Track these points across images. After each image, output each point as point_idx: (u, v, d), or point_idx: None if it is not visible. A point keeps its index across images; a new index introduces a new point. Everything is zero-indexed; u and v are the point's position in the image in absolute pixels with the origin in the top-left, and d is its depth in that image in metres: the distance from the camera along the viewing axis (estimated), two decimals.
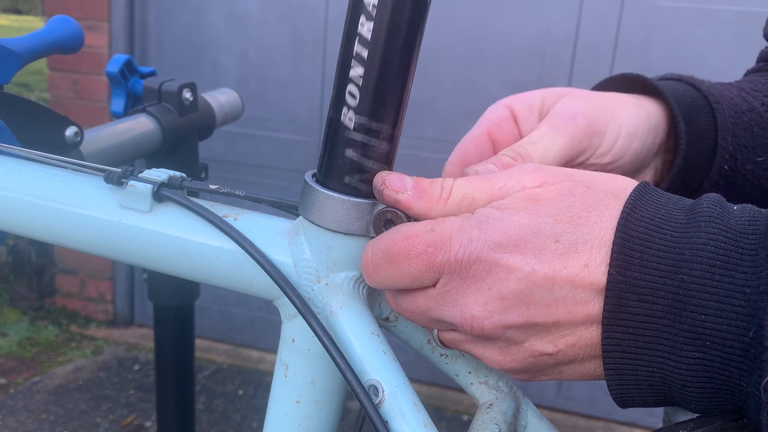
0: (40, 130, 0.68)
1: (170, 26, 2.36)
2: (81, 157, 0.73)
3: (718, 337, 0.30)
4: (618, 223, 0.33)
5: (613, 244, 0.33)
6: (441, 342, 0.39)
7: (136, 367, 2.41)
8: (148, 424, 2.11)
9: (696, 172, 0.53)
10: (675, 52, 1.96)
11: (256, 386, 2.33)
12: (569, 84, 2.06)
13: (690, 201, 0.34)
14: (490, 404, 0.43)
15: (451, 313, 0.35)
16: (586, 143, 0.47)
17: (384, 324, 0.43)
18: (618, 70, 2.02)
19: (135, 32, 2.38)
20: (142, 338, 2.58)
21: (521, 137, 0.49)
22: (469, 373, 0.45)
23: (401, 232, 0.36)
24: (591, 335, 0.34)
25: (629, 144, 0.48)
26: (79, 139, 0.71)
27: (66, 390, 2.24)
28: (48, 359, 2.41)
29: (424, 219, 0.37)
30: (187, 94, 0.92)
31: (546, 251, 0.34)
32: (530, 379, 0.38)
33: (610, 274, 0.33)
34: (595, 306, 0.33)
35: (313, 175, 0.39)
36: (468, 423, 2.21)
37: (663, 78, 0.56)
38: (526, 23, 2.06)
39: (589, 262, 0.33)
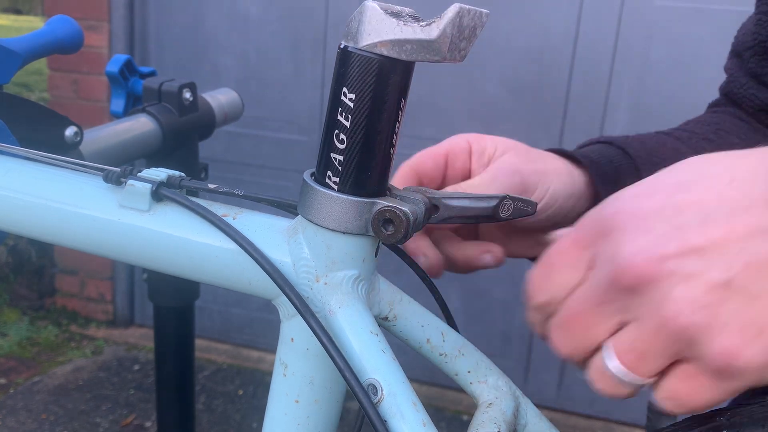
0: (40, 130, 0.68)
1: (170, 26, 2.36)
2: (81, 157, 0.73)
3: None
4: None
5: None
6: (624, 365, 0.33)
7: (136, 367, 2.41)
8: (148, 424, 2.11)
9: None
10: (675, 52, 1.96)
11: (256, 386, 2.33)
12: (569, 84, 2.07)
13: None
14: (490, 403, 0.43)
15: (607, 273, 0.32)
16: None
17: (383, 323, 0.43)
18: (618, 70, 2.02)
19: (135, 32, 2.38)
20: (142, 338, 2.58)
21: (469, 172, 0.53)
22: (469, 372, 0.45)
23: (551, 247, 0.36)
24: (765, 249, 0.29)
25: (550, 205, 0.52)
26: (78, 139, 0.71)
27: (66, 390, 2.24)
28: (48, 359, 2.41)
29: None
30: (187, 94, 0.92)
31: (684, 182, 0.32)
32: (737, 351, 0.30)
33: None
34: (753, 214, 0.30)
35: (312, 174, 0.39)
36: (467, 423, 2.20)
37: (596, 142, 0.60)
38: (525, 23, 2.06)
39: (734, 178, 0.31)
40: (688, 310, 0.30)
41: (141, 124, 0.87)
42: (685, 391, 0.32)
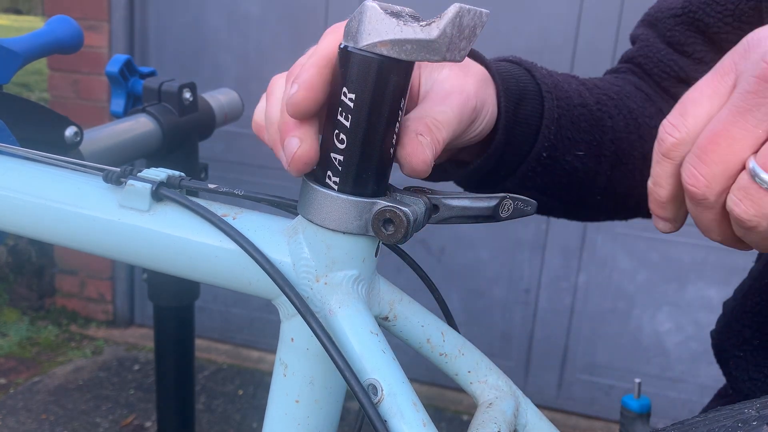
0: (40, 130, 0.68)
1: (170, 26, 2.36)
2: (81, 157, 0.73)
3: None
4: None
5: None
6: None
7: (136, 367, 2.41)
8: (148, 424, 2.11)
9: (514, 155, 0.53)
10: None
11: (256, 386, 2.33)
12: None
13: None
14: (490, 403, 0.43)
15: (752, 68, 0.32)
16: (469, 122, 0.46)
17: (383, 323, 0.43)
18: None
19: (135, 32, 2.38)
20: (142, 338, 2.58)
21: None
22: (469, 372, 0.45)
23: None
24: None
25: (487, 120, 0.48)
26: (78, 139, 0.71)
27: (66, 390, 2.24)
28: (48, 359, 2.41)
29: None
30: (187, 94, 0.92)
31: None
32: None
33: None
34: None
35: (312, 174, 0.39)
36: (468, 423, 2.21)
37: (505, 59, 0.57)
38: (525, 23, 2.06)
39: None
40: None
41: (141, 124, 0.87)
42: None
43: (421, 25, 0.34)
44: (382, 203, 0.37)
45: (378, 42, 0.34)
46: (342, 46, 0.36)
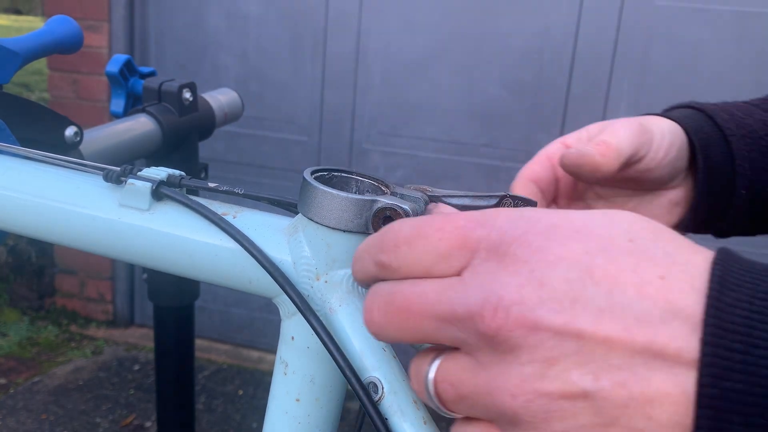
0: (40, 130, 0.68)
1: (170, 26, 2.36)
2: (80, 157, 0.73)
3: None
4: (706, 308, 0.24)
5: (703, 342, 0.23)
6: (436, 393, 0.29)
7: (136, 367, 2.41)
8: (148, 424, 2.11)
9: (717, 200, 0.55)
10: (675, 52, 1.96)
11: (256, 386, 2.33)
12: (569, 84, 2.06)
13: None
14: None
15: (471, 299, 0.26)
16: (643, 137, 0.50)
17: None
18: (618, 70, 2.02)
19: (135, 32, 2.39)
20: (142, 338, 2.58)
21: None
22: None
23: (439, 209, 0.32)
24: (651, 376, 0.24)
25: (670, 146, 0.52)
26: (78, 139, 0.71)
27: (66, 390, 2.24)
28: (48, 359, 2.41)
29: None
30: (187, 94, 0.92)
31: (613, 246, 0.25)
32: None
33: (701, 385, 0.23)
34: (665, 332, 0.24)
35: (313, 172, 0.39)
36: None
37: (679, 106, 0.58)
38: (525, 23, 2.06)
39: (668, 275, 0.24)
40: (526, 395, 0.25)
41: (141, 124, 0.87)
42: None
43: None
44: (382, 201, 0.37)
45: None
46: None
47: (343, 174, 0.41)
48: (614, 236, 0.26)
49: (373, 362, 0.35)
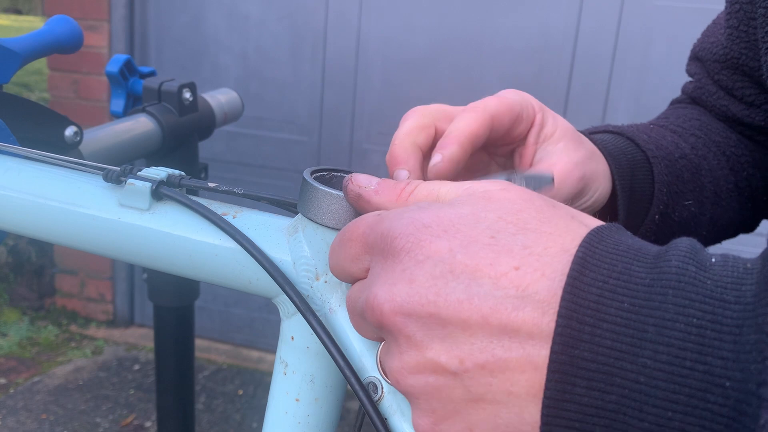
0: (40, 130, 0.68)
1: (170, 26, 2.36)
2: (80, 156, 0.73)
3: None
4: (565, 286, 0.27)
5: (558, 315, 0.26)
6: (380, 368, 0.35)
7: (136, 367, 2.41)
8: (148, 424, 2.11)
9: (632, 224, 0.55)
10: (675, 52, 1.96)
11: (256, 386, 2.33)
12: (569, 83, 2.06)
13: (655, 250, 0.28)
14: None
15: (363, 298, 0.31)
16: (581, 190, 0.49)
17: None
18: (618, 70, 2.02)
19: (135, 32, 2.39)
20: (142, 338, 2.58)
21: (523, 139, 0.49)
22: None
23: (358, 218, 0.34)
24: (506, 357, 0.27)
25: (592, 207, 0.51)
26: (78, 138, 0.71)
27: (66, 390, 2.24)
28: (48, 359, 2.41)
29: None
30: (187, 94, 0.92)
31: (476, 243, 0.29)
32: (434, 430, 0.30)
33: (552, 352, 0.26)
34: (517, 316, 0.27)
35: (312, 173, 0.39)
36: None
37: (604, 131, 0.58)
38: (525, 22, 2.06)
39: (522, 265, 0.28)
40: (407, 379, 0.29)
41: (141, 124, 0.87)
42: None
43: None
44: None
45: None
46: None
47: (342, 174, 0.41)
48: (477, 233, 0.29)
49: (372, 362, 0.35)
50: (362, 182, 0.36)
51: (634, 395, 0.25)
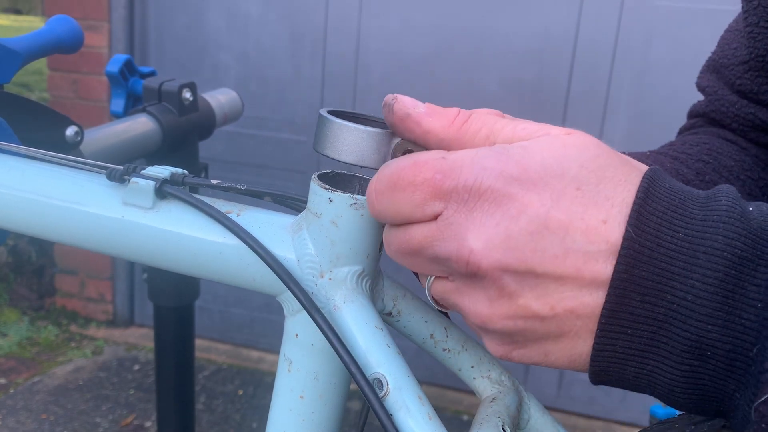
0: (41, 130, 0.68)
1: (170, 26, 2.36)
2: (81, 156, 0.73)
3: (722, 350, 0.29)
4: (630, 215, 0.30)
5: (624, 238, 0.30)
6: (432, 297, 0.36)
7: (136, 367, 2.41)
8: (148, 424, 2.11)
9: None
10: (675, 52, 1.96)
11: (256, 386, 2.33)
12: (569, 84, 2.07)
13: (703, 194, 0.31)
14: (493, 398, 0.43)
15: (449, 247, 0.32)
16: None
17: (387, 319, 0.43)
18: (618, 70, 2.03)
19: (135, 32, 2.39)
20: (142, 338, 2.58)
21: None
22: (472, 367, 0.45)
23: (410, 158, 0.33)
24: (594, 302, 0.31)
25: None
26: (79, 138, 0.71)
27: (66, 390, 2.24)
28: (48, 359, 2.41)
29: (436, 144, 0.35)
30: (187, 94, 0.92)
31: (565, 196, 0.31)
32: (510, 355, 0.34)
33: (616, 270, 0.30)
34: (606, 268, 0.30)
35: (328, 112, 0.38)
36: (468, 423, 2.21)
37: None
38: (525, 23, 2.06)
39: (609, 219, 0.30)
40: (496, 322, 0.32)
41: (141, 124, 0.87)
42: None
43: None
44: (398, 138, 0.37)
45: None
46: None
47: (357, 116, 0.39)
48: (565, 186, 0.31)
49: (377, 358, 0.35)
50: (409, 103, 0.35)
51: (681, 309, 0.29)
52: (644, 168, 0.33)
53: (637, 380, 0.32)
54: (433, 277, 0.35)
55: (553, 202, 0.31)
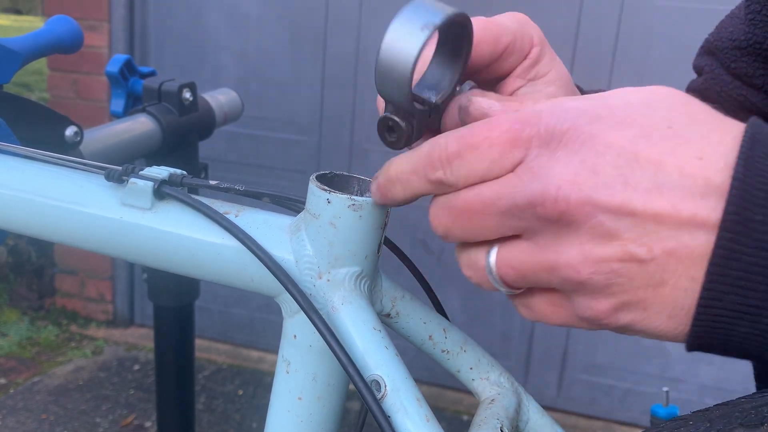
0: (40, 130, 0.68)
1: (170, 26, 2.36)
2: (81, 157, 0.73)
3: None
4: (739, 155, 0.27)
5: (733, 178, 0.27)
6: (499, 274, 0.32)
7: (136, 367, 2.41)
8: (148, 424, 2.11)
9: None
10: (675, 52, 1.96)
11: (256, 386, 2.33)
12: None
13: None
14: (492, 400, 0.43)
15: (532, 189, 0.29)
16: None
17: (385, 320, 0.43)
18: (618, 70, 2.02)
19: (135, 32, 2.39)
20: (142, 338, 2.58)
21: (510, 71, 0.46)
22: (471, 368, 0.45)
23: (478, 122, 0.32)
24: (694, 244, 0.28)
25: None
26: (78, 138, 0.71)
27: (66, 390, 2.24)
28: (48, 359, 2.41)
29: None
30: (187, 94, 0.92)
31: (654, 132, 0.29)
32: (608, 314, 0.30)
33: (726, 212, 0.27)
34: (706, 206, 0.28)
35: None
36: (467, 423, 2.21)
37: (599, 90, 0.56)
38: None
39: (705, 156, 0.28)
40: (590, 268, 0.29)
41: (141, 124, 0.87)
42: (547, 312, 0.33)
43: None
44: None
45: None
46: None
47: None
48: (654, 123, 0.29)
49: (375, 360, 0.35)
50: (485, 104, 0.34)
51: None
52: (736, 121, 0.30)
53: (746, 342, 0.29)
54: (495, 249, 0.32)
55: (642, 137, 0.29)
